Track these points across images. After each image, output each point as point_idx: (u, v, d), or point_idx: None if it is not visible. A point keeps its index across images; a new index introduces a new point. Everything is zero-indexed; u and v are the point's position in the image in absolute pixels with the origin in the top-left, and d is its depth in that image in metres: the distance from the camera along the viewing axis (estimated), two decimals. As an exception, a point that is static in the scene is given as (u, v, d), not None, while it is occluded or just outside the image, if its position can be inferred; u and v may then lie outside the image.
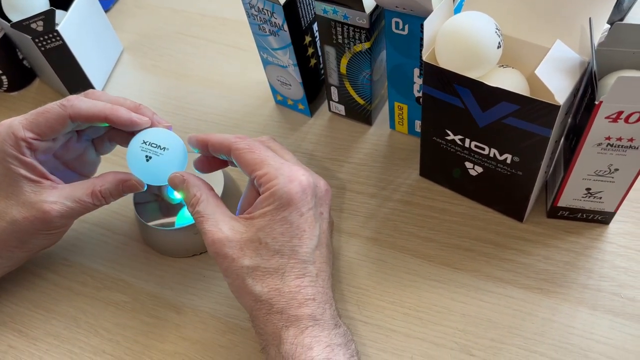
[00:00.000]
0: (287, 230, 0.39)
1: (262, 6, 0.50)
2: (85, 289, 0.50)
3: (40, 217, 0.43)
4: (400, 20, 0.46)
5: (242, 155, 0.41)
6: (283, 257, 0.39)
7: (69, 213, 0.44)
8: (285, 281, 0.38)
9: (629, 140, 0.38)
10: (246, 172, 0.41)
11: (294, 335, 0.37)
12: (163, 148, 0.44)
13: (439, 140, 0.47)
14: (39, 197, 0.43)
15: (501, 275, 0.46)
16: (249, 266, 0.39)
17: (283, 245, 0.39)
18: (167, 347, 0.46)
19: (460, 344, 0.43)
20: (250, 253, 0.39)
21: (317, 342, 0.37)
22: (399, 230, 0.50)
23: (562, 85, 0.38)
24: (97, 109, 0.44)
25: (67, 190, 0.44)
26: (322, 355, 0.36)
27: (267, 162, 0.40)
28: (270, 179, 0.39)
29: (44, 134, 0.43)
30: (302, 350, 0.36)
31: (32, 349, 0.47)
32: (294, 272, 0.39)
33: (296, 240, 0.39)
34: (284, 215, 0.39)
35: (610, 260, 0.46)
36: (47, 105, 0.44)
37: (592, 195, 0.44)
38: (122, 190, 0.45)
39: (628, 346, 0.41)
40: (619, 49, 0.40)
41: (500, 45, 0.39)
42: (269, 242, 0.39)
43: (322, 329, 0.38)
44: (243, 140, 0.42)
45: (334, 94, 0.57)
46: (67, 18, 0.60)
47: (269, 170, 0.40)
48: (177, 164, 0.44)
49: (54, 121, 0.43)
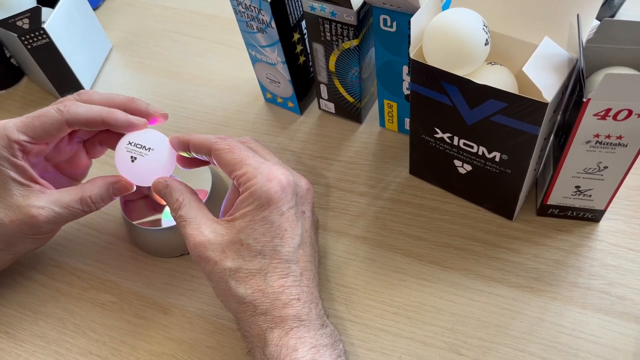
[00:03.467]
0: (268, 230, 0.38)
1: (249, 3, 0.49)
2: (72, 290, 0.50)
3: (27, 221, 0.42)
4: (388, 17, 0.45)
5: (221, 155, 0.41)
6: (265, 258, 0.38)
7: (56, 219, 0.43)
8: (269, 282, 0.38)
9: (617, 138, 0.38)
10: (226, 173, 0.41)
11: (278, 337, 0.37)
12: (148, 148, 0.43)
13: (428, 138, 0.46)
14: (27, 201, 0.42)
15: (490, 274, 0.45)
16: (231, 268, 0.38)
17: (264, 246, 0.38)
18: (155, 347, 0.45)
19: (449, 343, 0.42)
20: (232, 255, 0.38)
21: (302, 343, 0.36)
22: (388, 228, 0.49)
23: (550, 83, 0.37)
24: (95, 113, 0.43)
25: (56, 196, 0.43)
26: (308, 357, 0.36)
27: (246, 161, 0.40)
28: (249, 179, 0.39)
29: (38, 138, 0.43)
30: (286, 352, 0.36)
31: (19, 351, 0.46)
32: (277, 272, 0.38)
33: (277, 240, 0.39)
34: (264, 215, 0.38)
35: (600, 258, 0.45)
36: (43, 109, 0.43)
37: (582, 193, 0.44)
38: (113, 193, 0.45)
39: (617, 345, 0.41)
40: (608, 45, 0.39)
41: (488, 42, 0.39)
42: (250, 243, 0.38)
43: (307, 330, 0.37)
44: (223, 140, 0.41)
45: (324, 92, 0.56)
46: (54, 16, 0.59)
47: (247, 170, 0.39)
48: (163, 164, 0.44)
49: (50, 126, 0.43)
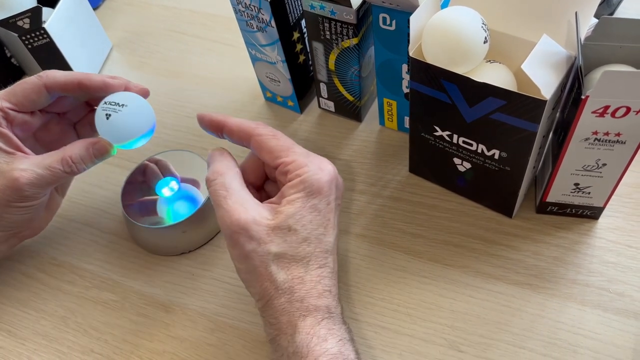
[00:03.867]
0: (315, 218, 0.38)
1: (249, 2, 0.49)
2: (74, 289, 0.50)
3: (10, 185, 0.42)
4: (388, 16, 0.45)
5: (265, 141, 0.40)
6: (310, 245, 0.38)
7: (38, 180, 0.43)
8: (309, 270, 0.38)
9: (616, 135, 0.38)
10: (267, 159, 0.40)
11: (310, 325, 0.36)
12: (121, 105, 0.43)
13: (428, 136, 0.47)
14: (10, 166, 0.42)
15: (490, 271, 0.46)
16: (276, 253, 0.37)
17: (310, 233, 0.38)
18: (156, 345, 0.45)
19: (449, 340, 0.43)
20: (277, 240, 0.37)
21: (332, 334, 0.36)
22: (388, 226, 0.50)
23: (548, 80, 0.38)
24: (71, 76, 0.44)
25: (39, 159, 0.43)
26: (336, 349, 0.36)
27: (293, 149, 0.40)
28: (299, 166, 0.39)
29: (20, 104, 0.44)
30: (317, 341, 0.36)
31: (21, 349, 0.47)
32: (317, 262, 0.38)
33: (322, 229, 0.39)
34: (314, 203, 0.38)
35: (599, 255, 0.46)
36: (26, 78, 0.45)
37: (581, 190, 0.44)
38: (93, 154, 0.44)
39: (616, 341, 0.41)
40: (606, 43, 0.39)
41: (487, 40, 0.39)
42: (298, 229, 0.38)
43: (335, 322, 0.37)
44: (264, 126, 0.41)
45: (323, 91, 0.57)
46: (54, 15, 0.59)
47: (297, 158, 0.39)
48: (137, 120, 0.43)
49: (30, 91, 0.44)
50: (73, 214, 0.55)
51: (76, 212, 0.55)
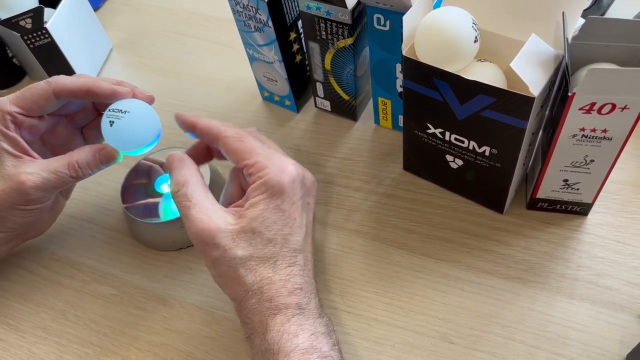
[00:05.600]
0: (279, 219, 0.39)
1: (246, 2, 0.51)
2: (73, 283, 0.51)
3: (16, 188, 0.43)
4: (382, 16, 0.47)
5: (230, 143, 0.41)
6: (276, 246, 0.39)
7: (45, 184, 0.43)
8: (277, 270, 0.39)
9: (602, 131, 0.39)
10: (234, 161, 0.41)
11: (280, 323, 0.37)
12: (124, 112, 0.43)
13: (421, 133, 0.48)
14: (17, 169, 0.43)
15: (482, 266, 0.47)
16: (242, 256, 0.38)
17: (276, 234, 0.39)
18: (154, 338, 0.46)
19: (440, 332, 0.44)
20: (242, 244, 0.39)
21: (302, 330, 0.37)
22: (383, 222, 0.51)
23: (536, 78, 0.39)
24: (80, 82, 0.45)
25: (45, 163, 0.44)
26: (307, 343, 0.37)
27: (256, 151, 0.41)
28: (261, 168, 0.40)
29: (29, 109, 0.44)
30: (287, 337, 0.37)
31: (21, 342, 0.47)
32: (285, 261, 0.39)
33: (287, 229, 0.39)
34: (277, 204, 0.39)
35: (588, 250, 0.47)
36: (35, 83, 0.45)
37: (570, 186, 0.45)
38: (99, 160, 0.45)
39: (604, 333, 0.42)
40: (593, 42, 0.40)
41: (477, 40, 0.40)
42: (262, 231, 0.39)
43: (307, 318, 0.38)
44: (231, 128, 0.42)
45: (320, 90, 0.58)
46: (56, 15, 0.60)
47: (259, 160, 0.40)
48: (142, 127, 0.44)
49: (38, 96, 0.44)
50: (73, 211, 0.56)
51: (76, 209, 0.56)
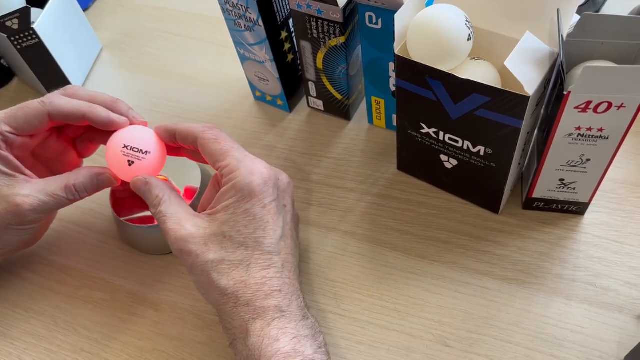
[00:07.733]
0: (250, 222, 0.39)
1: (236, 1, 0.50)
2: (63, 288, 0.50)
3: (12, 210, 0.42)
4: (374, 14, 0.46)
5: (207, 145, 0.41)
6: (247, 249, 0.39)
7: (41, 207, 0.43)
8: (251, 273, 0.38)
9: (598, 130, 0.39)
10: (210, 163, 0.41)
11: (260, 328, 0.37)
12: (145, 152, 0.44)
13: (415, 133, 0.47)
14: (12, 190, 0.42)
15: (477, 267, 0.46)
16: (214, 260, 0.38)
17: (247, 238, 0.39)
18: (146, 344, 0.46)
19: (436, 335, 0.43)
20: (214, 247, 0.39)
21: (284, 333, 0.37)
22: (377, 223, 0.50)
23: (531, 76, 0.38)
24: (76, 107, 0.44)
25: (41, 185, 0.43)
26: (289, 347, 0.36)
27: (230, 153, 0.40)
28: (232, 171, 0.39)
29: (21, 129, 0.43)
30: (268, 342, 0.36)
31: (10, 348, 0.47)
32: (259, 264, 0.39)
33: (260, 232, 0.39)
34: (247, 208, 0.39)
35: (585, 250, 0.46)
36: (28, 102, 0.44)
37: (566, 186, 0.45)
38: (97, 185, 0.45)
39: (602, 335, 0.42)
40: (588, 39, 0.40)
41: (471, 38, 0.40)
42: (233, 235, 0.39)
43: (289, 321, 0.37)
44: (210, 130, 0.42)
45: (312, 89, 0.57)
46: (43, 16, 0.59)
47: (231, 162, 0.40)
48: (158, 165, 0.45)
49: (32, 117, 0.43)
50: (62, 214, 0.55)
51: (65, 212, 0.55)
